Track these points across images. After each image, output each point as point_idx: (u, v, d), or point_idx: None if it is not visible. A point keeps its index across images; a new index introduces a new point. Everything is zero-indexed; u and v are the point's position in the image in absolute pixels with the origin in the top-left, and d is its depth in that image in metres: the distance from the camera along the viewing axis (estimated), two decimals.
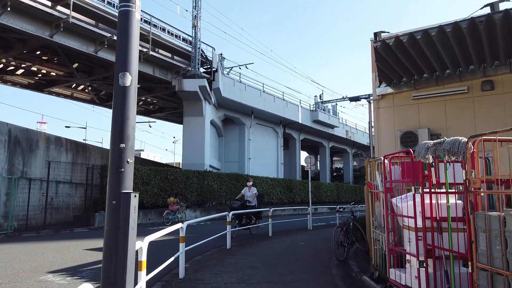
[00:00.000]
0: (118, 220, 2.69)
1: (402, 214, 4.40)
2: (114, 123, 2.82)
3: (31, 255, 8.05)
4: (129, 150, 2.81)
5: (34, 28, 16.44)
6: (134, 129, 2.89)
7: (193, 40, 23.09)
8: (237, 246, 9.48)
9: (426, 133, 9.66)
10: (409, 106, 10.26)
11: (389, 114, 10.55)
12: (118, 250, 2.62)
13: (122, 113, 2.81)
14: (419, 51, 8.13)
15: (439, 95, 9.86)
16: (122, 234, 2.67)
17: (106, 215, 2.75)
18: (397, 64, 8.81)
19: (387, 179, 4.98)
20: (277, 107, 31.65)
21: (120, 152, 2.77)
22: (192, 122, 24.41)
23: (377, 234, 5.63)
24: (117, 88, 2.86)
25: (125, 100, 2.83)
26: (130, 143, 2.82)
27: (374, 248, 5.62)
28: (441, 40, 7.60)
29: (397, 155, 5.05)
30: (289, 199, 28.38)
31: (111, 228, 2.70)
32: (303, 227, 14.78)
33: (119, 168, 2.75)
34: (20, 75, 22.36)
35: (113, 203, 2.72)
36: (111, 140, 2.82)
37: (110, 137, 2.84)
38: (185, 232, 6.07)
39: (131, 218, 2.73)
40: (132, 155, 2.84)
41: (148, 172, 18.14)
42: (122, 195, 2.72)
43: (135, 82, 2.93)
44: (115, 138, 2.80)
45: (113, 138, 2.81)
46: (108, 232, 2.70)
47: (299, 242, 10.46)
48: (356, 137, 45.90)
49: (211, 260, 7.51)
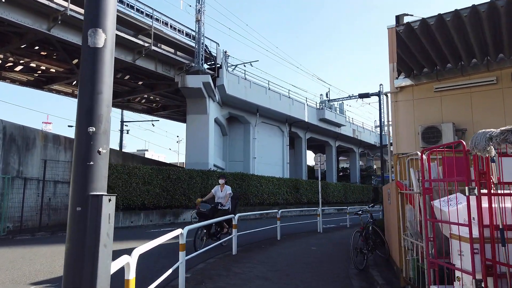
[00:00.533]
0: (83, 235, 1.91)
1: (450, 220, 3.58)
2: (81, 99, 2.04)
3: (17, 262, 7.31)
4: (102, 136, 2.02)
5: (31, 21, 15.76)
6: (109, 108, 2.10)
7: (196, 35, 22.32)
8: (243, 251, 8.69)
9: (451, 128, 8.82)
10: (430, 99, 9.41)
11: (408, 108, 9.70)
12: (82, 279, 1.83)
13: (92, 85, 2.03)
14: (446, 36, 7.30)
15: (465, 87, 8.99)
16: (89, 255, 1.89)
17: (67, 227, 1.98)
18: (420, 51, 7.97)
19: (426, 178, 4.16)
20: (283, 105, 30.82)
21: (88, 139, 1.98)
22: (195, 120, 23.65)
23: (408, 242, 4.81)
24: (85, 51, 2.07)
25: (96, 68, 2.05)
26: (103, 127, 2.03)
27: (407, 259, 4.80)
28: (472, 23, 6.76)
29: (437, 149, 4.23)
30: (296, 200, 27.55)
31: (74, 247, 1.92)
32: (312, 230, 13.97)
33: (86, 161, 1.96)
34: (19, 71, 21.72)
35: (77, 210, 1.94)
36: (77, 123, 2.04)
37: (75, 119, 2.06)
38: (185, 238, 5.29)
39: (103, 231, 1.94)
40: (106, 143, 2.05)
41: (150, 172, 17.41)
42: (91, 198, 1.94)
43: (111, 44, 2.14)
44: (82, 120, 2.01)
45: (79, 119, 2.03)
46: (69, 252, 1.92)
47: (310, 247, 9.65)
48: (363, 136, 44.94)
49: (215, 268, 6.72)
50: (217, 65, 24.03)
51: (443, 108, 9.19)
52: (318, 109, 36.41)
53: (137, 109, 31.59)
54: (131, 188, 16.42)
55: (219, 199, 9.20)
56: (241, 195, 22.10)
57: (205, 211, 8.53)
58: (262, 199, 23.84)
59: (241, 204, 21.72)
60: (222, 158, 28.81)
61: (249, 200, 22.61)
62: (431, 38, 7.33)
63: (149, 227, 15.83)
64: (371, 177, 48.22)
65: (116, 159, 20.87)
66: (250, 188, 22.98)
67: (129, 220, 16.05)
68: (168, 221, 17.65)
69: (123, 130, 32.55)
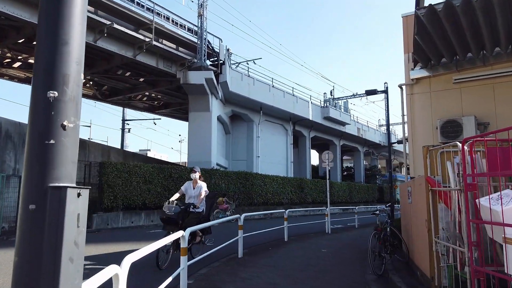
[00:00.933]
0: (38, 244, 1.33)
1: (504, 221, 2.98)
2: (39, 52, 1.46)
3: (5, 267, 6.75)
4: (68, 104, 1.44)
5: (28, 14, 15.28)
6: (80, 66, 1.52)
7: (198, 30, 21.75)
8: (250, 254, 8.11)
9: (473, 122, 8.20)
10: (449, 91, 8.79)
11: (425, 100, 9.09)
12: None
13: (55, 32, 1.45)
14: (471, 20, 6.68)
15: (487, 77, 8.37)
16: (47, 274, 1.30)
17: (17, 232, 1.39)
18: (441, 37, 7.35)
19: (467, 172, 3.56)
20: (287, 103, 30.22)
21: (47, 107, 1.40)
22: (198, 117, 23.08)
23: (441, 246, 4.21)
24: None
25: (61, 7, 1.46)
26: (69, 92, 1.45)
27: (440, 266, 4.20)
28: (501, 3, 6.15)
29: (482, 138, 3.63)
30: (300, 199, 26.94)
31: (25, 261, 1.33)
32: (320, 230, 13.37)
33: (44, 139, 1.38)
34: (17, 68, 21.22)
35: (30, 208, 1.36)
36: (32, 86, 1.46)
37: (31, 82, 1.48)
38: (187, 241, 4.71)
39: (67, 238, 1.36)
40: (74, 115, 1.47)
41: (151, 170, 16.85)
42: (50, 192, 1.36)
43: None
44: (39, 81, 1.43)
45: (36, 81, 1.44)
46: (18, 268, 1.34)
47: (321, 249, 9.05)
48: (367, 135, 44.26)
49: (219, 274, 6.14)
50: (220, 62, 23.46)
51: (463, 101, 8.58)
52: (323, 107, 35.79)
53: (138, 107, 31.07)
54: (131, 187, 15.87)
55: (191, 199, 7.19)
56: (245, 195, 21.52)
57: (172, 215, 6.50)
58: (266, 199, 23.25)
59: (245, 204, 21.12)
60: (225, 156, 28.24)
61: (253, 199, 22.02)
62: (454, 21, 6.72)
63: (150, 227, 15.27)
64: (375, 176, 47.52)
65: (116, 158, 20.33)
66: (254, 187, 22.40)
67: (129, 220, 15.49)
68: None
69: (124, 128, 32.03)
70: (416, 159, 8.92)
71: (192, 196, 7.22)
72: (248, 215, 9.23)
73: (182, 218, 6.58)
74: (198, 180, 7.37)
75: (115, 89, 26.04)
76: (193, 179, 7.37)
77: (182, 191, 7.34)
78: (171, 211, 6.54)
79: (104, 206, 14.55)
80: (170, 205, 6.69)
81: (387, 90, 21.23)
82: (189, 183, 7.45)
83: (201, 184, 7.29)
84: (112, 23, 17.00)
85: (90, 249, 8.94)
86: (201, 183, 7.32)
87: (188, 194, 7.31)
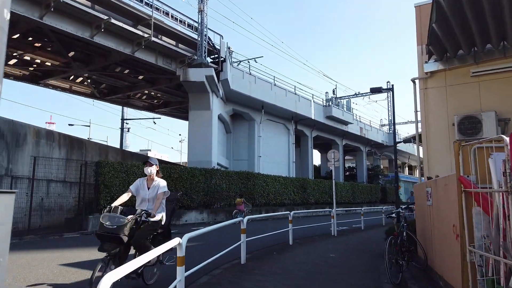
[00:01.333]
0: None
1: None
2: None
3: None
4: None
5: (23, 9, 14.74)
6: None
7: (199, 26, 21.20)
8: (253, 260, 7.55)
9: (493, 118, 7.62)
10: (467, 85, 8.22)
11: (440, 95, 8.52)
12: None
13: None
14: (493, 4, 6.12)
15: (508, 70, 7.81)
16: None
17: None
18: (460, 26, 6.79)
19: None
20: (289, 102, 29.66)
21: None
22: (198, 116, 22.52)
23: (477, 256, 3.65)
24: None
25: None
26: None
27: (477, 279, 3.63)
28: None
29: None
30: (303, 200, 26.37)
31: None
32: (325, 233, 12.80)
33: None
34: (13, 65, 20.70)
35: None
36: None
37: None
38: (184, 249, 4.15)
39: None
40: None
41: None
42: None
43: None
44: None
45: None
46: None
47: (329, 254, 8.48)
48: (370, 135, 43.69)
49: (222, 282, 5.58)
50: (221, 59, 22.92)
51: (482, 95, 8.01)
52: (325, 106, 35.24)
53: (137, 106, 30.53)
54: (129, 187, 15.29)
55: (144, 204, 5.17)
56: (247, 195, 20.94)
57: (114, 229, 4.43)
58: (268, 199, 22.68)
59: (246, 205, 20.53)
60: (226, 156, 27.69)
61: (254, 200, 21.45)
62: (476, 6, 6.16)
63: None
64: (378, 176, 46.92)
65: (115, 157, 19.77)
66: (256, 187, 21.84)
67: None
68: None
69: (123, 128, 31.48)
70: (431, 158, 8.37)
71: (146, 199, 5.15)
72: (251, 217, 8.68)
73: (130, 232, 4.51)
74: (155, 176, 5.23)
75: (114, 87, 25.50)
76: (147, 175, 5.23)
77: (132, 192, 5.20)
78: (113, 223, 4.45)
79: (101, 207, 13.97)
80: (112, 213, 4.60)
81: (393, 88, 20.68)
82: (142, 180, 5.32)
83: (158, 183, 5.17)
84: (109, 18, 16.46)
85: (82, 253, 8.40)
86: (159, 180, 5.20)
87: (140, 196, 5.20)
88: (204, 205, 18.91)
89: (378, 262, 7.67)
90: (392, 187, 41.39)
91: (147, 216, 4.80)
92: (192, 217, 17.67)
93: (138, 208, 5.02)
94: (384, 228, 15.24)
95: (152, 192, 5.17)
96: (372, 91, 21.31)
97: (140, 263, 2.98)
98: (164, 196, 5.22)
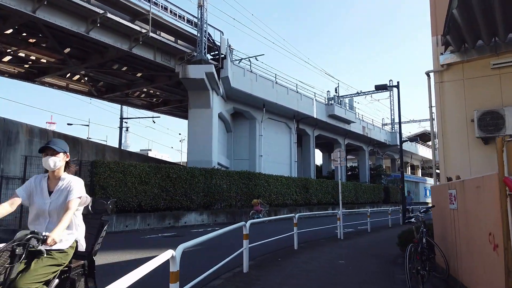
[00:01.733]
0: None
1: None
2: None
3: None
4: None
5: (14, 2, 14.12)
6: None
7: (198, 22, 20.60)
8: (257, 267, 6.96)
9: None
10: (487, 77, 7.60)
11: (457, 89, 7.91)
12: None
13: None
14: None
15: None
16: None
17: None
18: (483, 11, 6.20)
19: None
20: (291, 100, 29.05)
21: None
22: (198, 114, 21.92)
23: None
24: None
25: None
26: None
27: None
28: None
29: None
30: (305, 201, 25.77)
31: None
32: (331, 236, 12.21)
33: None
34: (7, 62, 20.12)
35: None
36: None
37: None
38: (178, 263, 3.55)
39: None
40: None
41: (147, 170, 15.71)
42: None
43: None
44: None
45: None
46: None
47: (338, 260, 7.88)
48: (373, 134, 43.06)
49: None
50: (221, 56, 22.31)
51: (503, 89, 7.40)
52: (327, 105, 34.62)
53: (136, 105, 29.93)
54: (126, 188, 14.75)
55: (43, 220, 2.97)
56: (248, 196, 20.34)
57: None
58: (270, 200, 22.08)
59: (248, 206, 19.92)
60: (227, 155, 27.09)
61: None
62: None
63: (146, 231, 14.12)
64: (381, 176, 46.28)
65: (112, 157, 19.20)
66: (257, 188, 21.24)
67: (123, 224, 14.35)
68: (168, 224, 15.94)
69: (122, 127, 30.91)
70: (447, 156, 7.76)
71: (45, 212, 2.97)
72: (254, 221, 8.08)
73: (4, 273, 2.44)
74: (63, 173, 3.08)
75: (112, 85, 24.91)
76: (49, 170, 3.01)
77: (18, 199, 2.95)
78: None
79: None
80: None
81: (398, 85, 20.09)
82: (40, 179, 3.09)
83: (69, 183, 3.02)
84: (105, 13, 15.87)
85: None
86: (69, 179, 3.05)
87: (35, 207, 2.99)
88: (204, 206, 18.33)
89: (391, 269, 7.09)
90: (395, 187, 40.76)
91: (43, 241, 2.56)
92: (191, 219, 17.08)
93: (31, 226, 2.94)
94: (391, 230, 14.64)
95: (56, 199, 2.98)
96: (377, 89, 20.71)
97: None
98: (80, 206, 3.11)
